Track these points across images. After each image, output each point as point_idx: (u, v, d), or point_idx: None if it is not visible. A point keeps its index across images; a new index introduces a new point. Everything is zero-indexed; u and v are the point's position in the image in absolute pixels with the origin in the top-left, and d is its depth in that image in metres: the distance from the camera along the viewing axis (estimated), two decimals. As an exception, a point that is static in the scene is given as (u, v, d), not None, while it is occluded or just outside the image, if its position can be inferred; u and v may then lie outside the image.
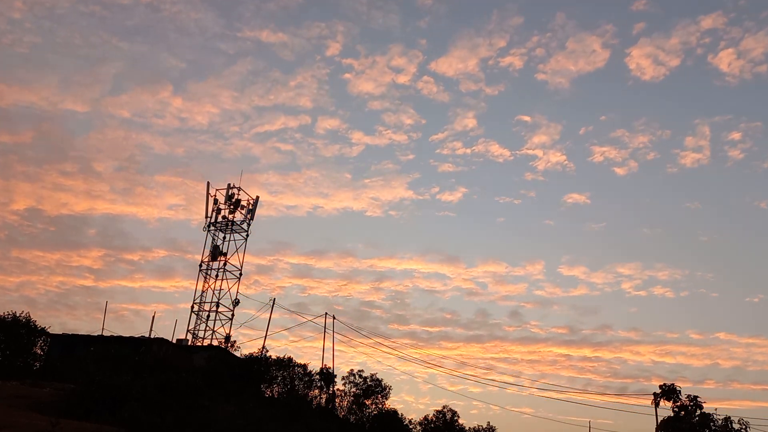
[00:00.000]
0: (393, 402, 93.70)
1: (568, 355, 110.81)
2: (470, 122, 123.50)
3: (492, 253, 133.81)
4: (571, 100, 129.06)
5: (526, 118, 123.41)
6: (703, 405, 38.90)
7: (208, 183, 47.08)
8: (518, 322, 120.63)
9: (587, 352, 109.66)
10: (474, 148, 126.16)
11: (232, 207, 46.56)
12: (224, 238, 46.26)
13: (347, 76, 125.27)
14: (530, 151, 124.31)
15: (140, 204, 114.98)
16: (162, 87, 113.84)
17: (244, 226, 46.52)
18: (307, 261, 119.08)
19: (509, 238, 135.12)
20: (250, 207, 47.10)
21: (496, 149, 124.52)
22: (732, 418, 38.51)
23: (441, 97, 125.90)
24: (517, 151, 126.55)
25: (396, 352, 61.15)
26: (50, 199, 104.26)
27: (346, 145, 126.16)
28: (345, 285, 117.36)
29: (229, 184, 46.97)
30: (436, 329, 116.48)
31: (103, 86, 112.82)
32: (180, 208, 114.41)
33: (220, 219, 46.49)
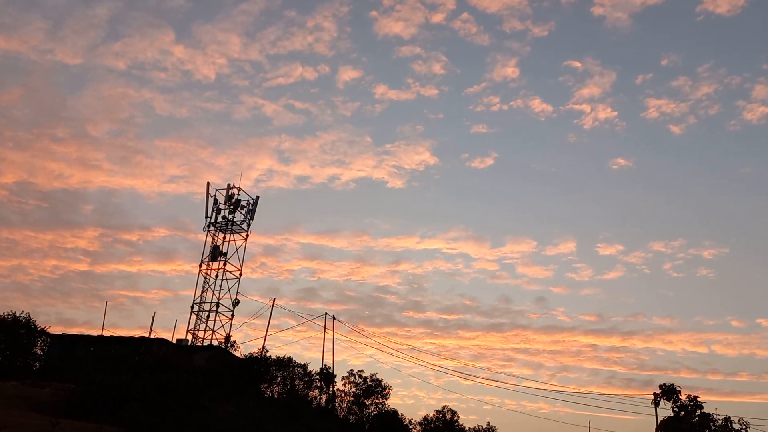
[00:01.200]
0: (404, 397, 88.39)
1: (594, 345, 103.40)
2: (511, 71, 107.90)
3: (522, 230, 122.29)
4: (630, 40, 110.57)
5: (576, 64, 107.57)
6: (703, 405, 38.93)
7: (208, 183, 47.15)
8: (543, 308, 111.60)
9: (615, 341, 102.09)
10: (513, 102, 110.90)
11: (232, 207, 46.55)
12: (224, 238, 46.26)
13: (373, 14, 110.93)
14: (576, 106, 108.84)
15: (139, 175, 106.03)
16: (162, 32, 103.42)
17: (244, 226, 46.55)
18: (318, 241, 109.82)
19: (542, 212, 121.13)
20: (250, 207, 47.10)
21: (537, 105, 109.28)
22: (732, 418, 38.55)
23: (480, 40, 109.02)
24: (561, 107, 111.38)
25: (399, 354, 61.14)
26: (42, 171, 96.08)
27: (368, 103, 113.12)
28: (358, 268, 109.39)
29: (228, 184, 47.03)
30: (454, 317, 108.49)
31: (96, 32, 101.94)
32: (182, 180, 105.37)
33: (219, 219, 46.47)
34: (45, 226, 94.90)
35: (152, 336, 39.84)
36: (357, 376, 42.43)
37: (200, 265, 45.49)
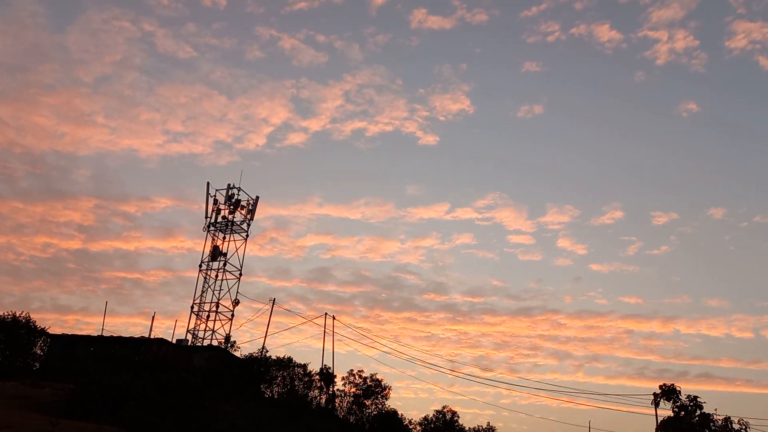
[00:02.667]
0: (416, 390, 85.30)
1: (631, 330, 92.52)
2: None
3: (566, 195, 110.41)
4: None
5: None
6: (703, 405, 38.92)
7: (208, 183, 47.13)
8: (579, 290, 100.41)
9: (656, 326, 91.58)
10: (574, 30, 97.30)
11: (232, 207, 46.54)
12: (224, 238, 46.26)
13: None
14: (651, 33, 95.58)
15: (138, 134, 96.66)
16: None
17: (244, 226, 46.57)
18: (335, 211, 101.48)
19: (592, 172, 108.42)
20: (250, 207, 47.10)
21: (604, 32, 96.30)
22: (732, 418, 38.55)
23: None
24: (632, 33, 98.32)
25: (401, 355, 61.04)
26: (30, 129, 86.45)
27: (402, 36, 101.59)
28: (378, 244, 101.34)
29: (228, 185, 47.02)
30: (480, 300, 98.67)
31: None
32: (186, 139, 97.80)
33: (219, 219, 46.46)
34: (35, 196, 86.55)
35: (153, 333, 39.88)
36: (357, 376, 42.44)
37: (200, 266, 45.52)
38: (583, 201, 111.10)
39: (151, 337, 39.66)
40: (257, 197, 47.57)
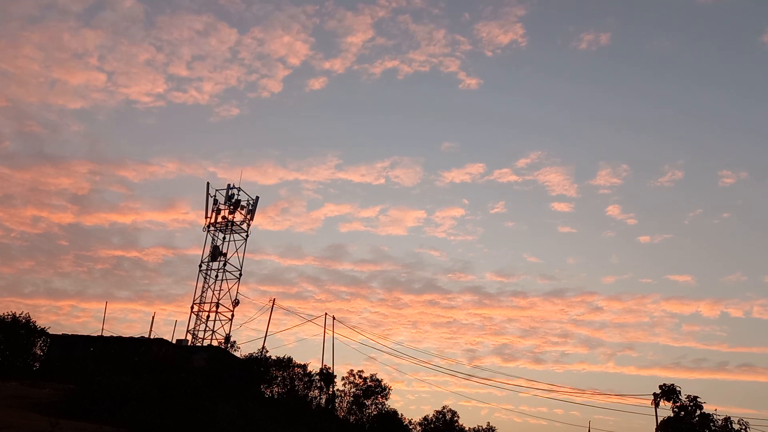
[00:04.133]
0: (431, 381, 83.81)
1: (675, 313, 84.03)
2: None
3: (623, 150, 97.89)
4: None
5: None
6: (703, 405, 38.88)
7: (208, 183, 47.15)
8: (622, 267, 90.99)
9: (704, 307, 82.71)
10: None
11: (231, 207, 46.55)
12: (224, 238, 46.27)
13: None
14: None
15: (136, 79, 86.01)
16: None
17: (244, 226, 46.57)
18: (354, 175, 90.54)
19: (657, 123, 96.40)
20: (250, 207, 47.12)
21: None
22: (732, 419, 38.51)
23: None
24: None
25: (401, 355, 60.99)
26: (14, 76, 77.77)
27: None
28: (401, 215, 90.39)
29: (228, 185, 47.02)
30: (511, 280, 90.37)
31: None
32: (191, 86, 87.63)
33: (219, 219, 46.46)
34: (23, 161, 78.61)
35: (152, 336, 39.87)
36: (357, 377, 42.42)
37: (200, 266, 45.51)
38: (640, 159, 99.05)
39: (151, 337, 39.67)
40: (257, 197, 47.65)
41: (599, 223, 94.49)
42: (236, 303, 44.48)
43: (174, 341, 41.21)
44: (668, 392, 39.51)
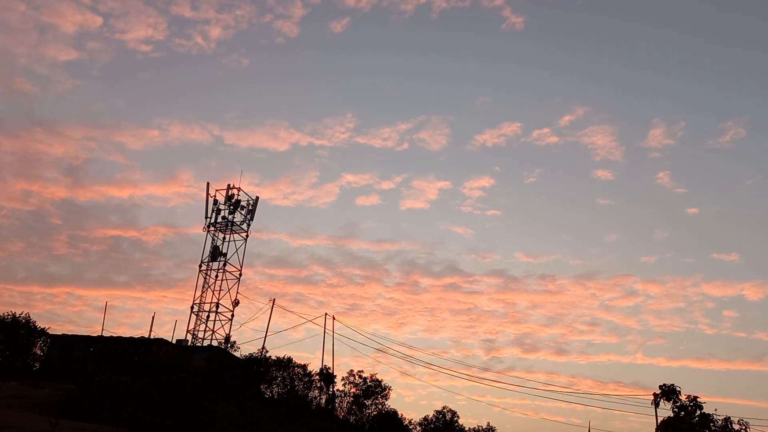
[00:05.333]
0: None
1: (713, 297, 74.98)
2: None
3: (683, 99, 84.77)
4: None
5: None
6: (703, 405, 38.89)
7: (208, 183, 47.14)
8: (665, 244, 79.21)
9: (749, 290, 74.01)
10: None
11: (231, 207, 46.54)
12: (224, 238, 46.27)
13: None
14: None
15: (133, 8, 78.37)
16: None
17: (244, 226, 46.58)
18: (373, 138, 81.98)
19: (718, 76, 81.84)
20: (250, 207, 47.12)
21: None
22: (732, 419, 38.52)
23: None
24: None
25: (400, 356, 60.96)
26: None
27: None
28: (424, 185, 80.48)
29: (228, 185, 47.03)
30: (540, 260, 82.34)
31: None
32: (195, 31, 79.52)
33: (219, 219, 46.47)
34: (12, 125, 71.44)
35: (152, 336, 39.88)
36: (357, 377, 42.43)
37: (200, 266, 45.52)
38: (701, 113, 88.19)
39: (151, 337, 39.69)
40: (257, 197, 47.64)
41: (644, 193, 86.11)
42: (236, 303, 44.52)
43: (174, 341, 41.23)
44: (668, 392, 39.53)
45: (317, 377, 40.76)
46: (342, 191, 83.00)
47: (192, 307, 44.50)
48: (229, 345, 41.79)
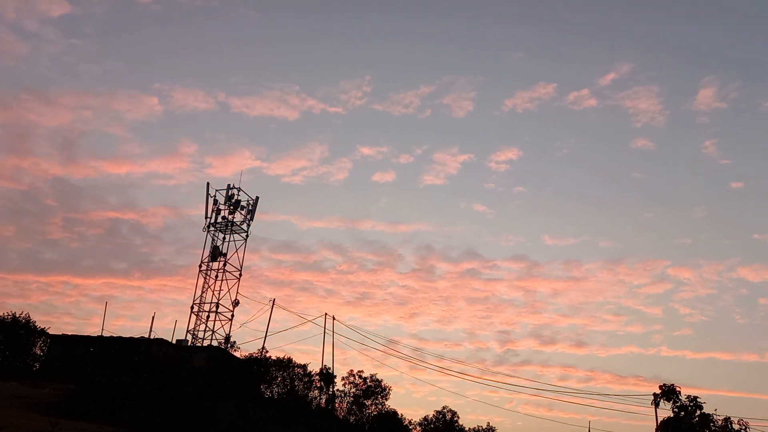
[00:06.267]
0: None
1: (752, 282, 68.78)
2: None
3: (739, 54, 74.08)
4: None
5: None
6: (703, 405, 38.90)
7: (208, 183, 47.16)
8: (706, 223, 69.78)
9: None
10: None
11: (231, 208, 46.56)
12: (224, 238, 46.29)
13: None
14: None
15: None
16: None
17: (244, 226, 46.60)
18: (392, 104, 75.75)
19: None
20: (250, 207, 47.14)
21: None
22: (732, 419, 38.52)
23: None
24: None
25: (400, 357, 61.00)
26: None
27: None
28: (446, 158, 74.80)
29: (228, 185, 47.05)
30: (567, 243, 75.71)
31: None
32: None
33: (219, 219, 46.49)
34: (1, 93, 64.27)
35: (152, 336, 39.88)
36: (357, 377, 42.43)
37: (200, 266, 45.54)
38: (759, 67, 77.93)
39: (151, 337, 39.71)
40: (257, 197, 47.66)
41: (685, 166, 76.09)
42: (236, 303, 44.55)
43: (174, 341, 41.24)
44: (668, 392, 39.53)
45: (317, 377, 40.77)
46: (356, 166, 78.86)
47: (192, 307, 44.54)
48: (229, 345, 41.80)
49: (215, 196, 46.96)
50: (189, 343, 42.74)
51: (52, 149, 70.92)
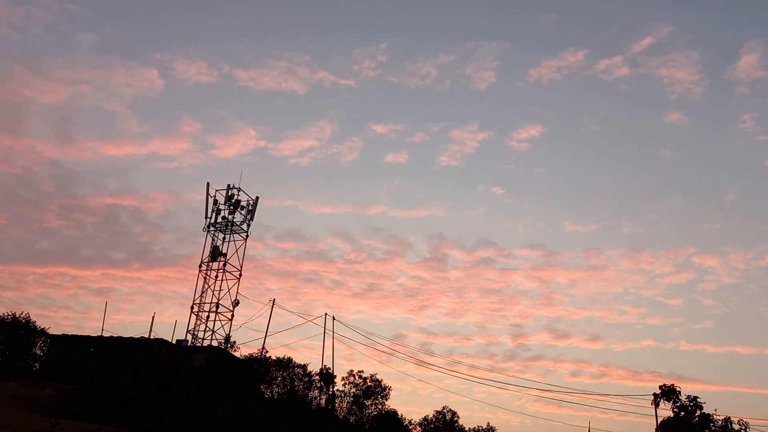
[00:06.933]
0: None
1: None
2: None
3: None
4: None
5: None
6: (703, 405, 38.90)
7: (208, 183, 47.14)
8: (743, 207, 64.67)
9: None
10: None
11: (231, 208, 46.57)
12: (224, 238, 46.29)
13: None
14: None
15: None
16: None
17: (244, 226, 46.61)
18: (408, 78, 70.23)
19: None
20: (250, 207, 47.15)
21: None
22: (732, 419, 38.52)
23: None
24: None
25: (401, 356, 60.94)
26: None
27: None
28: (461, 136, 71.79)
29: (228, 185, 47.04)
30: (588, 229, 69.77)
31: None
32: None
33: (219, 220, 46.49)
34: None
35: (152, 336, 39.88)
36: (357, 377, 42.43)
37: (200, 266, 45.54)
38: None
39: (151, 337, 39.71)
40: (257, 197, 47.65)
41: (720, 142, 68.21)
42: (236, 303, 44.56)
43: (174, 341, 41.25)
44: (668, 392, 39.54)
45: (317, 377, 40.77)
46: (367, 146, 74.67)
47: (192, 307, 44.56)
48: (229, 345, 41.81)
49: (215, 196, 47.01)
50: (189, 343, 42.75)
51: (47, 129, 67.22)
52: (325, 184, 72.32)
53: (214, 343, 42.80)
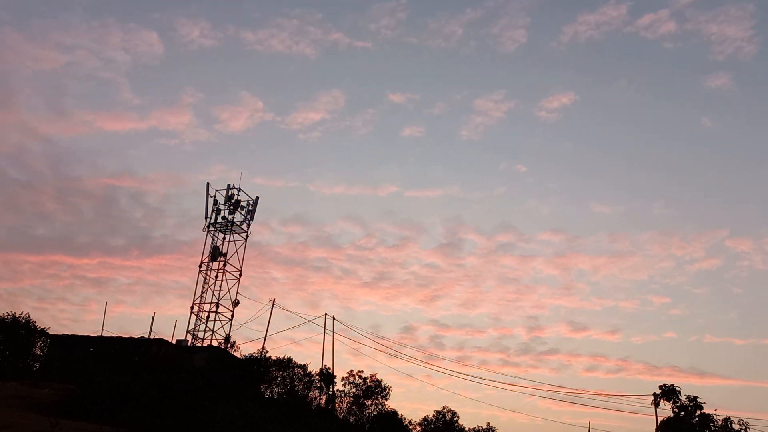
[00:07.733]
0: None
1: None
2: None
3: None
4: None
5: None
6: (703, 405, 38.90)
7: (208, 183, 47.17)
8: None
9: None
10: None
11: (231, 208, 46.60)
12: (224, 238, 46.31)
13: None
14: None
15: None
16: None
17: (244, 226, 46.62)
18: (429, 38, 65.43)
19: None
20: (250, 207, 47.17)
21: None
22: (732, 419, 38.52)
23: None
24: None
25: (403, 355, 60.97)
26: None
27: None
28: (484, 106, 67.59)
29: (228, 185, 47.05)
30: (615, 210, 65.44)
31: None
32: None
33: (219, 220, 46.52)
34: None
35: (152, 336, 39.89)
36: (357, 377, 42.43)
37: (200, 266, 45.55)
38: None
39: (151, 337, 39.72)
40: (257, 197, 47.67)
41: (766, 108, 62.67)
42: (236, 303, 44.59)
43: (174, 341, 41.26)
44: (668, 392, 39.54)
45: (317, 377, 40.78)
46: (381, 116, 68.09)
47: (192, 307, 44.57)
48: (229, 345, 41.82)
49: (215, 196, 47.05)
50: (189, 343, 42.77)
51: (40, 101, 60.76)
52: (335, 161, 67.91)
53: (214, 343, 42.83)
